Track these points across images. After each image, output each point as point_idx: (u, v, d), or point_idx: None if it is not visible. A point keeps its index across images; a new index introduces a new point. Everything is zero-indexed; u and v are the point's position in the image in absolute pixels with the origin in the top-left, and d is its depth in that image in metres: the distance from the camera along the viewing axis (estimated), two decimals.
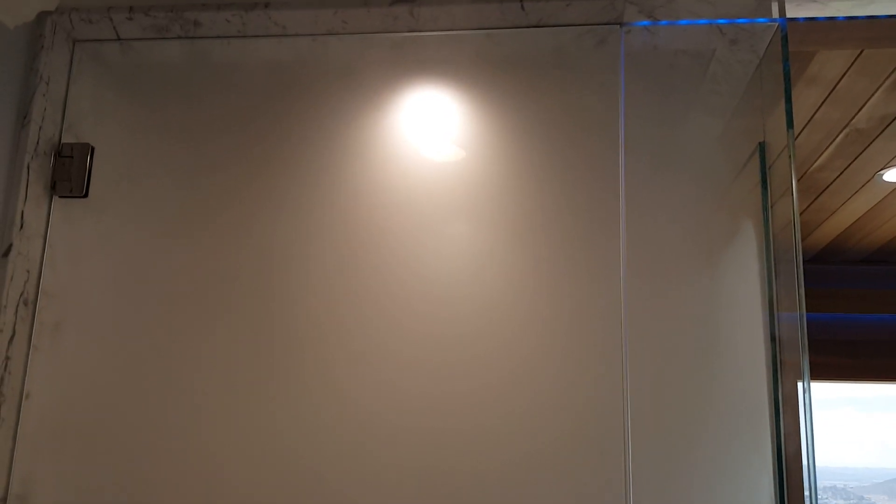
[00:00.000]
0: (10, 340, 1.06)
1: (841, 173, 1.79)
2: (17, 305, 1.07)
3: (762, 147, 1.16)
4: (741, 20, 1.12)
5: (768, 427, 1.05)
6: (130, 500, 1.03)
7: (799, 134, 1.62)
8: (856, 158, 1.70)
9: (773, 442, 1.05)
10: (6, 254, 1.07)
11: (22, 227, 1.08)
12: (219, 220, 1.11)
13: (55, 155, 1.13)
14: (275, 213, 1.11)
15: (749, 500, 1.02)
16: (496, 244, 1.08)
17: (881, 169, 1.88)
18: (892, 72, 1.40)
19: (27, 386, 1.07)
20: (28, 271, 1.09)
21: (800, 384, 1.16)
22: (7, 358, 1.05)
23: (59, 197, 1.13)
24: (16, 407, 1.06)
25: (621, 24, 1.14)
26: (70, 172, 1.13)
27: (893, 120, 1.51)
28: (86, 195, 1.13)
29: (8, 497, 1.03)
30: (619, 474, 1.02)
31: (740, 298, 1.09)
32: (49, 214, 1.13)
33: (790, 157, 1.14)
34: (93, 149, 1.14)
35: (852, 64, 1.43)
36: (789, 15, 1.13)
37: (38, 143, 1.12)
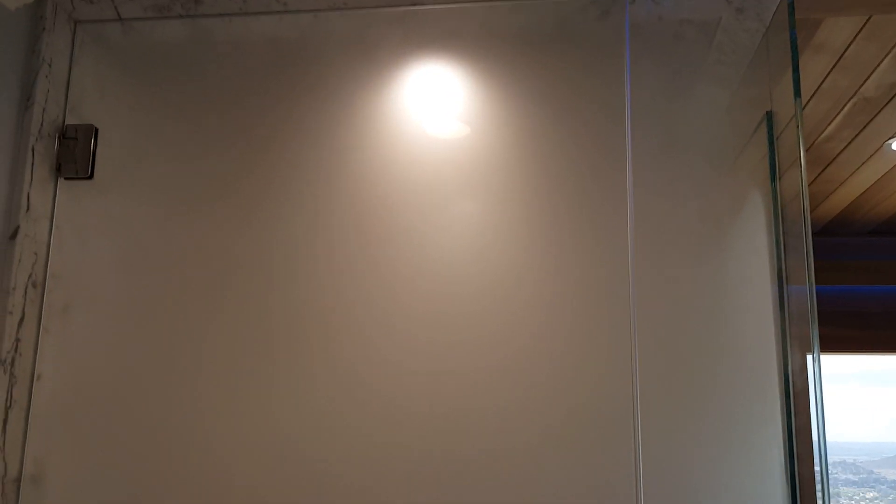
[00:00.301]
0: (20, 322, 1.07)
1: (849, 143, 1.77)
2: (26, 288, 1.08)
3: (769, 117, 1.15)
4: None
5: (778, 400, 1.05)
6: (142, 480, 1.04)
7: (806, 104, 1.61)
8: (864, 128, 1.69)
9: (782, 414, 1.05)
10: (14, 236, 1.07)
11: (28, 209, 1.09)
12: (224, 199, 1.11)
13: (59, 137, 1.13)
14: (280, 192, 1.11)
15: (759, 473, 1.03)
16: (502, 221, 1.08)
17: (890, 138, 1.86)
18: None
19: (38, 368, 1.08)
20: (36, 253, 1.09)
21: (809, 356, 1.16)
22: (17, 340, 1.06)
23: (65, 179, 1.13)
24: (27, 388, 1.07)
25: None
26: (75, 154, 1.13)
27: None
28: (91, 176, 1.13)
29: (22, 477, 1.04)
30: (628, 449, 1.02)
31: (749, 271, 1.08)
32: (55, 196, 1.13)
33: (798, 126, 1.13)
34: (97, 130, 1.14)
35: (860, 31, 1.41)
36: None
37: (41, 125, 1.11)
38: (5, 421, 1.04)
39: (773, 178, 1.13)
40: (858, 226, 2.35)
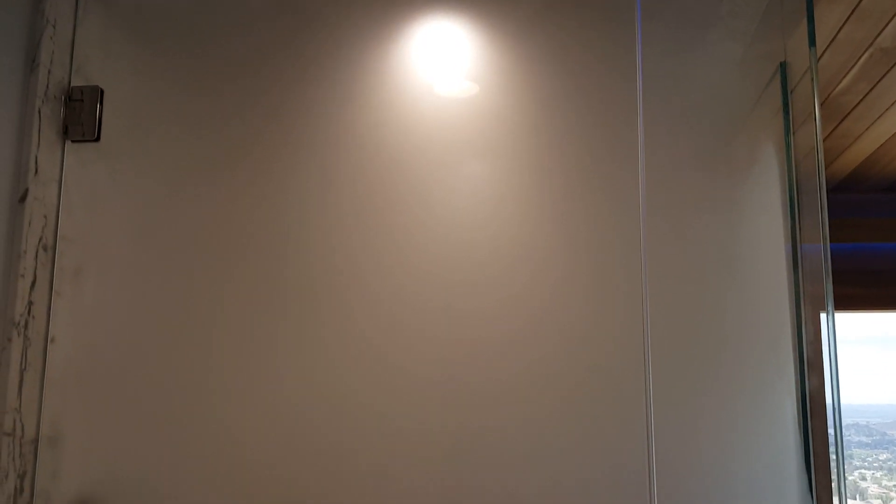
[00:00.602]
0: (32, 285, 1.07)
1: (865, 96, 1.74)
2: (37, 251, 1.08)
3: (783, 69, 1.13)
4: None
5: (791, 358, 1.04)
6: (157, 442, 1.05)
7: (820, 56, 1.57)
8: (880, 80, 1.65)
9: (796, 373, 1.05)
10: (23, 199, 1.07)
11: (37, 172, 1.08)
12: (233, 164, 1.11)
13: (65, 99, 1.13)
14: (290, 155, 1.10)
15: (772, 431, 1.02)
16: (512, 180, 1.07)
17: None
18: None
19: (51, 331, 1.08)
20: (45, 216, 1.09)
21: (823, 315, 1.15)
22: (30, 303, 1.06)
23: (72, 141, 1.13)
24: (42, 351, 1.07)
25: None
26: (81, 116, 1.12)
27: None
28: (98, 139, 1.12)
29: (39, 438, 1.05)
30: (639, 407, 1.02)
31: (762, 228, 1.07)
32: (62, 159, 1.12)
33: (813, 77, 1.11)
34: (102, 91, 1.13)
35: None
36: None
37: (47, 87, 1.11)
38: (21, 383, 1.05)
39: (787, 133, 1.11)
40: (874, 182, 2.31)
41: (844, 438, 1.02)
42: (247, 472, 1.03)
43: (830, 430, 1.09)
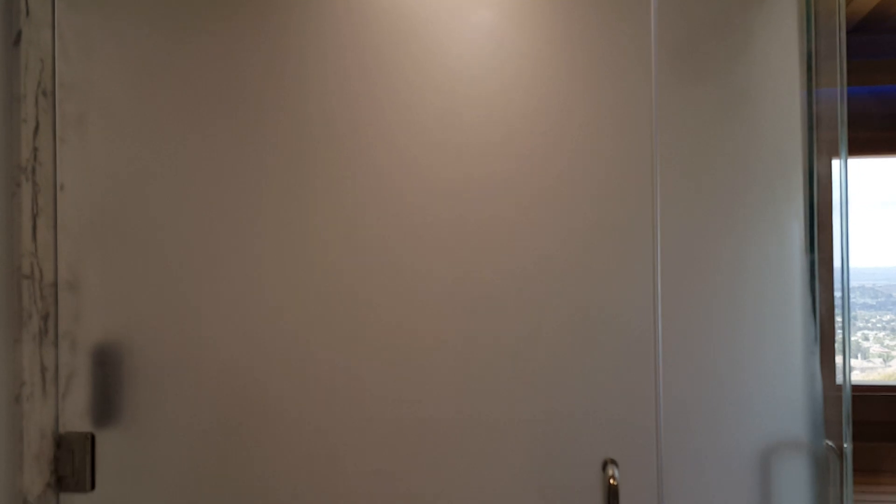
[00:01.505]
0: (35, 131, 1.06)
1: None
2: (37, 96, 1.06)
3: None
4: None
5: (802, 204, 1.04)
6: (175, 289, 1.07)
7: None
8: None
9: (805, 220, 1.04)
10: (17, 41, 1.05)
11: (28, 13, 1.05)
12: (230, 11, 1.07)
13: None
14: (290, 7, 1.06)
15: (779, 282, 1.03)
16: (521, 31, 1.03)
17: None
18: None
19: (60, 178, 1.08)
20: (42, 61, 1.07)
21: (835, 162, 1.13)
22: (35, 148, 1.06)
23: None
24: (52, 198, 1.08)
25: None
26: None
27: None
28: None
29: (58, 282, 1.08)
30: (647, 248, 1.02)
31: (777, 72, 1.04)
32: (53, 2, 1.09)
33: None
34: None
35: None
36: None
37: None
38: (34, 228, 1.06)
39: None
40: (894, 21, 2.21)
41: (850, 301, 1.03)
42: (263, 315, 1.06)
43: (838, 289, 1.10)
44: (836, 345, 1.08)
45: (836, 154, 1.11)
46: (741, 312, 1.02)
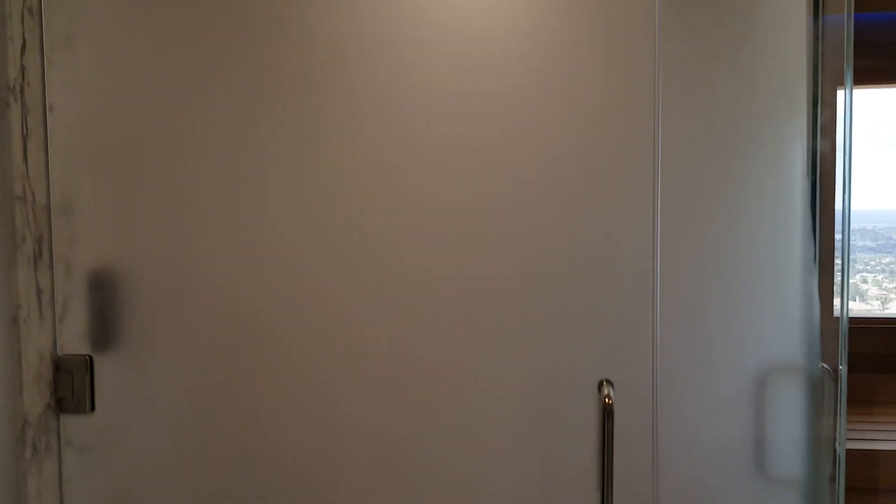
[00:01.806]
0: (22, 50, 1.04)
1: None
2: (22, 14, 1.04)
3: None
4: None
5: (805, 131, 1.02)
6: (169, 214, 1.06)
7: None
8: None
9: (809, 146, 1.03)
10: None
11: None
12: None
13: None
14: None
15: (779, 224, 1.02)
16: None
17: None
18: None
19: (49, 99, 1.06)
20: None
21: (841, 91, 1.11)
22: (23, 67, 1.04)
23: None
24: (41, 119, 1.06)
25: None
26: None
27: None
28: None
29: (51, 204, 1.07)
30: (647, 165, 1.01)
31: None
32: None
33: None
34: None
35: None
36: None
37: None
38: (25, 150, 1.05)
39: None
40: None
41: (850, 243, 1.02)
42: (261, 242, 1.05)
43: (838, 233, 1.09)
44: (836, 275, 1.07)
45: (841, 83, 1.09)
46: (740, 233, 1.01)
